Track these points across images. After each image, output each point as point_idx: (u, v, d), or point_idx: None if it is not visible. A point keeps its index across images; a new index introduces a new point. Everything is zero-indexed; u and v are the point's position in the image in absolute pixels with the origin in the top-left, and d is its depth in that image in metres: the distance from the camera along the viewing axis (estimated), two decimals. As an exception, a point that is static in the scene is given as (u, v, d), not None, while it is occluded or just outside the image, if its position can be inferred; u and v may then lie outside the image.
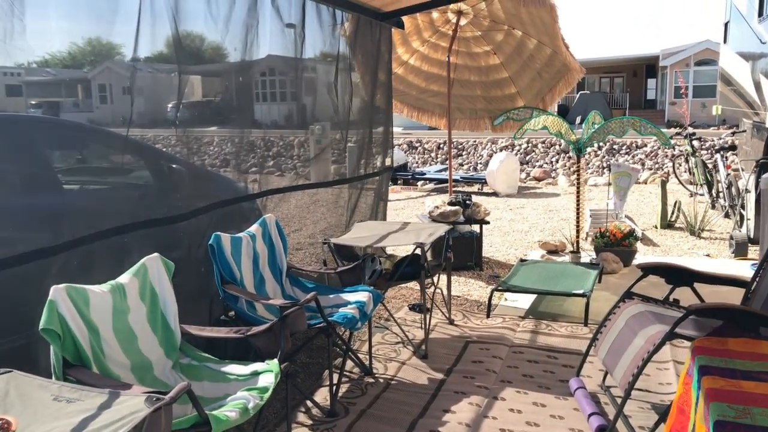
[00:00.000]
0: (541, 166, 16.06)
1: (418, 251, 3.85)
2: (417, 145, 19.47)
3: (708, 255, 6.45)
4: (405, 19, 5.46)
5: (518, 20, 6.09)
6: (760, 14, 7.32)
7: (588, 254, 6.22)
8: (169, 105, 3.37)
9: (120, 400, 1.93)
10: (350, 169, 5.06)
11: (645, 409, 3.24)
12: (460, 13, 6.07)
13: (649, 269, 3.47)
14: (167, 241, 3.14)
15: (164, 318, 2.75)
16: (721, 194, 8.32)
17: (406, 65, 6.80)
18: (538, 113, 5.99)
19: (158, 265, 2.77)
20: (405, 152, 16.72)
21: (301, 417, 3.21)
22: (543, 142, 17.37)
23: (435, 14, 6.21)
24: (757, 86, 7.34)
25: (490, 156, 17.41)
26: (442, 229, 4.21)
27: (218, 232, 3.26)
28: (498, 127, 6.47)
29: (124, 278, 2.63)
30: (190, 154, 3.41)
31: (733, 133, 9.42)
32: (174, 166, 3.63)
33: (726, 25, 9.65)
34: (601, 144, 16.14)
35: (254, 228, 3.65)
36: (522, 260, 5.60)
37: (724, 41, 9.77)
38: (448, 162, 17.17)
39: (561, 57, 6.23)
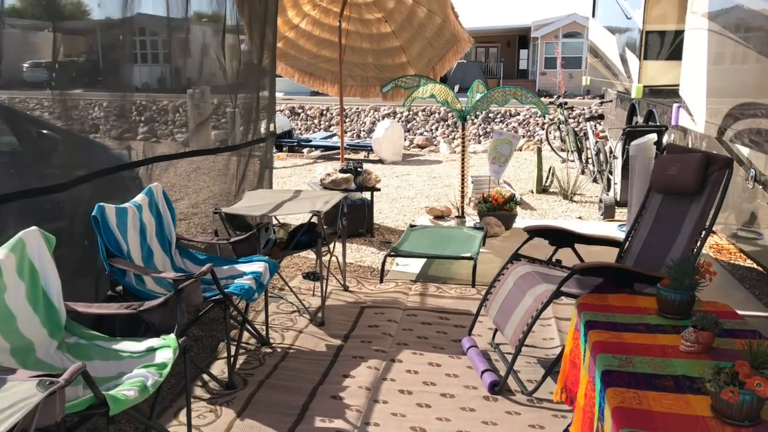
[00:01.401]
0: (422, 134, 16.42)
1: (314, 219, 3.83)
2: (299, 111, 19.21)
3: (580, 217, 6.93)
4: (294, -21, 5.30)
5: (409, -14, 6.12)
6: (626, -9, 7.83)
7: (472, 219, 6.47)
8: (25, 65, 3.08)
9: (7, 386, 1.78)
10: (236, 136, 4.88)
11: (532, 363, 3.45)
12: (352, -23, 6.00)
13: (534, 232, 3.67)
14: (45, 214, 2.90)
15: (46, 295, 2.55)
16: (590, 160, 8.91)
17: (297, 29, 6.64)
18: (426, 81, 6.08)
19: (37, 239, 2.55)
20: (288, 118, 16.43)
21: (199, 391, 3.13)
22: (423, 110, 17.74)
23: (326, -23, 6.11)
24: (623, 58, 7.88)
25: (373, 123, 17.55)
26: (337, 196, 4.20)
27: (101, 203, 3.05)
28: (387, 95, 6.51)
29: (-2, 254, 2.40)
30: (52, 119, 3.14)
31: (601, 103, 10.09)
32: (44, 131, 3.34)
33: (594, 0, 10.25)
34: (478, 113, 16.73)
35: (140, 198, 3.46)
36: (411, 226, 5.73)
37: (593, 15, 10.37)
38: (337, 129, 17.12)
39: (450, 26, 6.34)
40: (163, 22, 3.91)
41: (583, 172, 9.26)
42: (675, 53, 6.78)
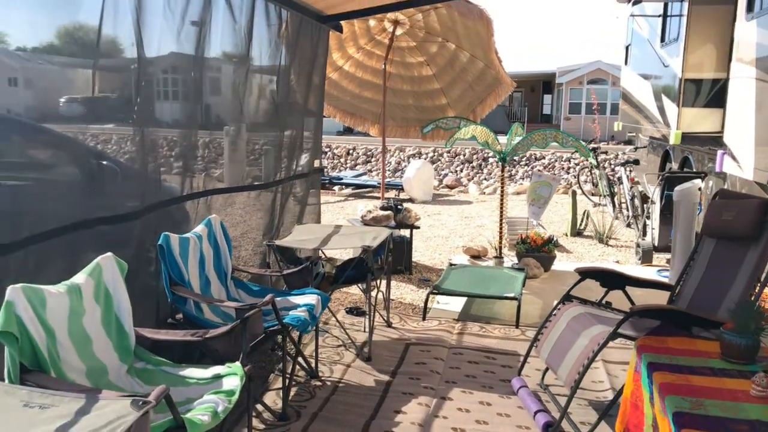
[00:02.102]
0: (446, 175, 16.52)
1: (364, 255, 3.88)
2: (326, 150, 19.48)
3: (617, 261, 6.90)
4: (342, 24, 5.48)
5: (453, 33, 6.28)
6: (663, 40, 7.95)
7: (509, 259, 6.48)
8: (62, 100, 3.20)
9: (100, 405, 1.83)
10: (281, 171, 4.97)
11: (583, 405, 3.43)
12: (396, 23, 6.18)
13: (586, 273, 3.68)
14: (117, 241, 2.99)
15: (118, 320, 2.63)
16: (624, 205, 8.91)
17: (340, 71, 6.83)
18: (466, 123, 6.19)
19: (112, 265, 2.65)
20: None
21: (254, 421, 3.15)
22: (448, 152, 17.90)
23: (372, 22, 6.29)
24: (659, 105, 7.95)
25: (399, 163, 17.72)
26: (385, 233, 4.26)
27: (167, 232, 3.15)
28: (427, 135, 6.62)
29: (79, 278, 2.49)
30: (121, 153, 3.24)
31: (635, 149, 10.13)
32: (104, 162, 3.46)
33: (627, 48, 10.38)
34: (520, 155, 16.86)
35: (200, 229, 3.55)
36: (451, 264, 5.76)
37: (625, 63, 10.49)
38: (364, 170, 17.29)
39: (493, 71, 6.48)
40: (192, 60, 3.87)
41: (616, 217, 9.25)
42: (712, 101, 6.83)
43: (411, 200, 11.84)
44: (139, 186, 3.28)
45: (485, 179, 16.01)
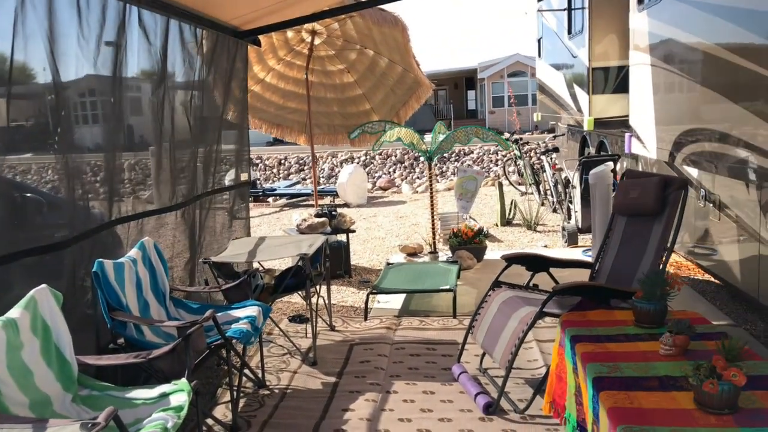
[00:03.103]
0: (380, 177, 16.74)
1: (301, 263, 3.98)
2: (257, 162, 19.37)
3: (546, 246, 7.23)
4: (260, 38, 5.55)
5: (370, 40, 6.45)
6: (570, 32, 8.36)
7: (444, 254, 6.70)
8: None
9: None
10: (204, 186, 4.92)
11: (520, 384, 3.63)
12: (314, 33, 6.29)
13: (511, 259, 3.90)
14: (49, 272, 2.99)
15: (59, 350, 2.64)
16: (548, 192, 9.31)
17: (262, 83, 6.89)
18: (391, 126, 6.36)
19: (47, 296, 2.65)
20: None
21: (205, 436, 3.20)
22: (380, 154, 18.13)
23: (290, 33, 6.38)
24: (572, 94, 8.37)
25: (332, 169, 17.83)
26: (320, 239, 4.37)
27: (101, 259, 3.16)
28: (355, 141, 6.76)
29: (14, 313, 2.49)
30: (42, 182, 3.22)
31: (554, 137, 10.58)
32: (27, 194, 3.43)
33: (539, 41, 10.83)
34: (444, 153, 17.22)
35: (134, 252, 3.56)
36: (388, 264, 5.92)
37: (539, 56, 10.94)
38: (297, 179, 17.26)
39: (412, 74, 6.69)
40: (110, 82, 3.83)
41: (542, 204, 9.64)
42: (619, 87, 7.26)
43: (346, 205, 11.96)
44: (67, 215, 3.27)
45: (418, 178, 16.31)
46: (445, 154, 17.81)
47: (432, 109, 34.72)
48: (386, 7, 5.82)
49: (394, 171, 17.42)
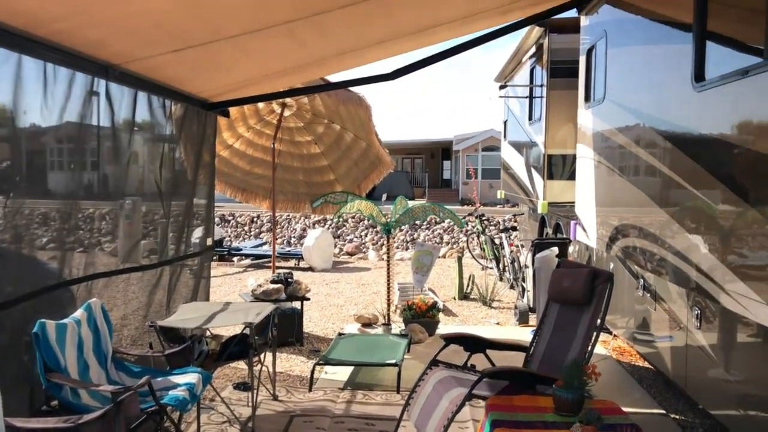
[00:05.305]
0: (351, 241, 16.90)
1: (246, 331, 4.06)
2: (230, 218, 19.46)
3: (498, 323, 7.38)
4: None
5: (337, 116, 6.76)
6: (530, 119, 8.79)
7: (398, 326, 6.80)
8: None
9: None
10: (169, 249, 5.05)
11: (451, 463, 3.69)
12: (284, 105, 6.57)
13: (449, 339, 4.04)
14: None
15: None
16: (506, 268, 9.53)
17: (231, 149, 7.12)
18: (353, 198, 6.57)
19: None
20: (218, 226, 16.63)
21: (131, 504, 3.19)
22: (353, 217, 18.34)
23: (260, 104, 6.65)
24: (530, 177, 8.71)
25: (304, 230, 17.95)
26: (269, 308, 4.46)
27: (43, 320, 3.21)
28: (317, 209, 6.96)
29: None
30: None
31: (515, 215, 10.90)
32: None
33: (504, 123, 11.31)
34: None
35: (79, 313, 3.62)
36: (340, 334, 5.99)
37: (504, 137, 11.40)
38: (267, 236, 17.34)
39: (375, 150, 6.99)
40: (92, 131, 3.88)
41: (501, 279, 9.85)
42: (572, 175, 7.61)
43: (311, 269, 12.04)
44: (13, 270, 3.31)
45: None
46: (417, 222, 18.11)
47: (408, 177, 35.43)
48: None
49: (366, 235, 17.61)
